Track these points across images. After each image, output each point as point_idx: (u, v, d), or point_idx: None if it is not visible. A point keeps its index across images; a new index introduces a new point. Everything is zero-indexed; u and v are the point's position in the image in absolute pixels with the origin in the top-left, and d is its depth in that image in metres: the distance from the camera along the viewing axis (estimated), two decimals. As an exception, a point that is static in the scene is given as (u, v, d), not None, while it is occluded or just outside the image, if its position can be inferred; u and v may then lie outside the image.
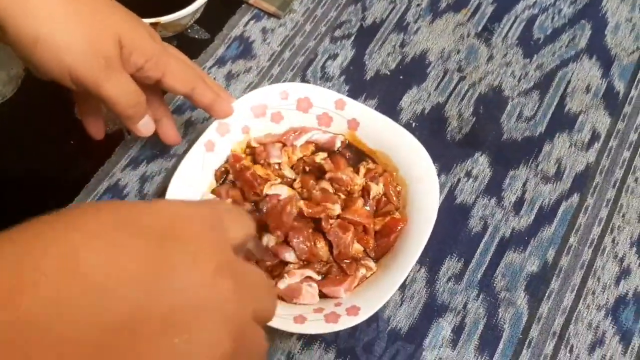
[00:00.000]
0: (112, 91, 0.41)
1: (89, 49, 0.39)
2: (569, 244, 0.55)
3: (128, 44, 0.42)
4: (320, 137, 0.53)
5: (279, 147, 0.52)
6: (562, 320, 0.51)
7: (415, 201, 0.50)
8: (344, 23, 0.66)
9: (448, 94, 0.62)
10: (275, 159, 0.51)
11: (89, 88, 0.41)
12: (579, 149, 0.59)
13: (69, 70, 0.40)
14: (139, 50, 0.42)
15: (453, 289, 0.52)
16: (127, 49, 0.42)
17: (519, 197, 0.56)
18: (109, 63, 0.41)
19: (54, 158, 0.57)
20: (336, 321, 0.44)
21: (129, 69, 0.43)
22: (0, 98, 0.61)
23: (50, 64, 0.39)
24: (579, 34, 0.66)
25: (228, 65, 0.62)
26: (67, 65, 0.39)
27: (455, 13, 0.67)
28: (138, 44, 0.42)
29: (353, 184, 0.50)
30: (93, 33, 0.40)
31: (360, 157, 0.53)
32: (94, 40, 0.40)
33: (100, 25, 0.40)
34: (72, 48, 0.39)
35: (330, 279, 0.47)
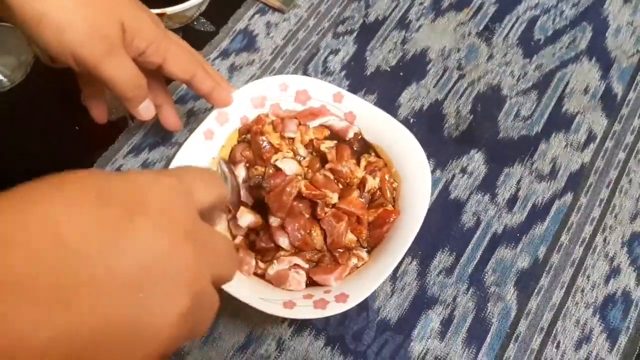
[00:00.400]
0: (112, 73, 0.43)
1: (92, 30, 0.41)
2: (560, 242, 0.55)
3: (131, 28, 0.43)
4: (335, 124, 0.53)
5: (296, 123, 0.53)
6: (551, 316, 0.52)
7: (408, 194, 0.50)
8: (347, 19, 0.67)
9: (447, 92, 0.63)
10: (291, 134, 0.52)
11: (91, 69, 0.42)
12: (575, 149, 0.60)
13: (72, 51, 0.41)
14: (141, 35, 0.44)
15: (443, 282, 0.53)
16: (130, 33, 0.43)
17: (512, 195, 0.57)
18: (111, 45, 0.42)
19: (59, 142, 0.59)
20: (324, 307, 0.45)
21: (131, 52, 0.44)
22: (10, 83, 0.62)
23: (54, 44, 0.41)
24: (580, 36, 0.67)
25: (232, 57, 0.64)
26: (70, 45, 0.41)
27: (457, 12, 0.68)
28: (140, 28, 0.43)
29: (352, 177, 0.51)
30: (97, 15, 0.41)
31: (366, 149, 0.54)
32: (97, 22, 0.41)
33: (104, 8, 0.42)
34: (75, 29, 0.40)
35: (321, 267, 0.48)
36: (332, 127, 0.54)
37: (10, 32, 0.66)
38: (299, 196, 0.48)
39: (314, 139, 0.53)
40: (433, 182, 0.57)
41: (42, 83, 0.63)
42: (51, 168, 0.60)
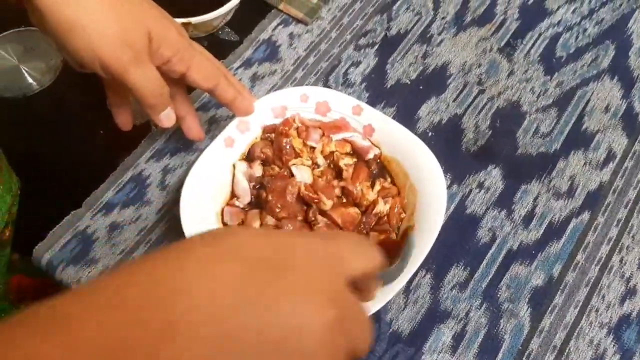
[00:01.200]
0: (137, 80, 0.44)
1: (120, 39, 0.42)
2: (576, 261, 0.55)
3: (157, 37, 0.44)
4: (358, 141, 0.54)
5: (319, 133, 0.54)
6: (564, 335, 0.52)
7: (424, 208, 0.51)
8: (369, 32, 0.68)
9: (466, 106, 0.63)
10: (313, 143, 0.53)
11: (117, 76, 0.43)
12: (594, 167, 0.60)
13: (99, 58, 0.42)
14: (167, 44, 0.45)
15: (457, 296, 0.53)
16: (156, 42, 0.44)
17: (529, 211, 0.57)
18: (137, 54, 0.43)
19: (84, 145, 0.60)
20: None
21: (156, 61, 0.45)
22: (39, 86, 0.64)
23: (83, 51, 0.42)
24: (602, 54, 0.67)
25: (254, 67, 0.65)
26: (98, 53, 0.42)
27: (479, 27, 0.68)
28: (166, 37, 0.45)
29: (363, 199, 0.51)
30: (125, 24, 0.42)
31: (383, 174, 0.54)
32: (125, 31, 0.42)
33: (132, 17, 0.43)
34: (103, 37, 0.42)
35: None
36: (354, 143, 0.54)
37: (40, 37, 0.68)
38: (299, 198, 0.49)
39: (335, 152, 0.54)
40: (449, 197, 0.57)
41: (70, 87, 0.65)
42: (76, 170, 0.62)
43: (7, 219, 0.50)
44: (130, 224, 0.56)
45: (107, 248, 0.54)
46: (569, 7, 0.70)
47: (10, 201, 0.51)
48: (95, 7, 0.41)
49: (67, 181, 0.59)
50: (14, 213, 0.52)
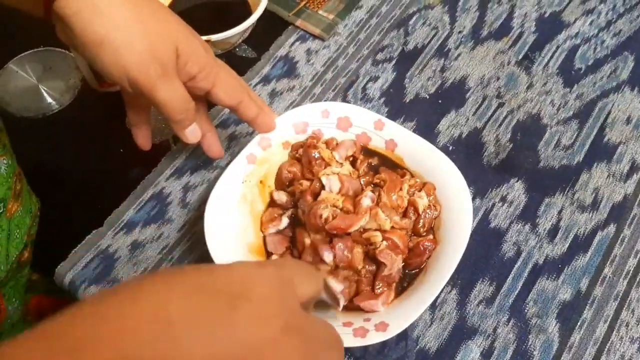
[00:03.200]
0: (164, 96, 0.44)
1: (148, 54, 0.42)
2: (604, 274, 0.54)
3: (184, 53, 0.44)
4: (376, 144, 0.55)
5: (352, 149, 0.54)
6: (594, 350, 0.51)
7: (449, 223, 0.50)
8: (386, 47, 0.68)
9: (486, 120, 0.63)
10: (341, 159, 0.53)
11: (144, 91, 0.43)
12: (617, 179, 0.59)
13: (127, 73, 0.43)
14: (194, 60, 0.45)
15: (484, 312, 0.52)
16: (183, 58, 0.44)
17: (554, 225, 0.57)
18: (164, 69, 0.43)
19: (104, 164, 0.60)
20: (364, 336, 0.45)
21: (183, 77, 0.45)
22: (59, 106, 0.64)
23: (112, 66, 0.42)
24: (621, 66, 0.66)
25: (272, 83, 0.65)
26: (127, 67, 0.42)
27: (496, 41, 0.68)
28: (193, 54, 0.45)
29: (399, 209, 0.51)
30: (153, 40, 0.43)
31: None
32: (153, 47, 0.42)
33: (160, 33, 0.43)
34: (132, 52, 0.42)
35: (365, 293, 0.48)
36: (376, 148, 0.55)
37: (59, 57, 0.68)
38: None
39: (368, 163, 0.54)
40: (473, 211, 0.56)
41: (89, 106, 0.65)
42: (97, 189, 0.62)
43: (26, 240, 0.49)
44: (151, 242, 0.55)
45: (129, 267, 0.54)
46: (586, 19, 0.70)
47: (30, 222, 0.50)
48: (124, 23, 0.42)
49: (87, 200, 0.59)
50: (33, 234, 0.52)
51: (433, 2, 0.71)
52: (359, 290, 0.48)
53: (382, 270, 0.47)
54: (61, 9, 0.40)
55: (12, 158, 0.49)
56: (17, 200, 0.47)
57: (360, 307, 0.47)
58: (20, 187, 0.49)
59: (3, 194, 0.44)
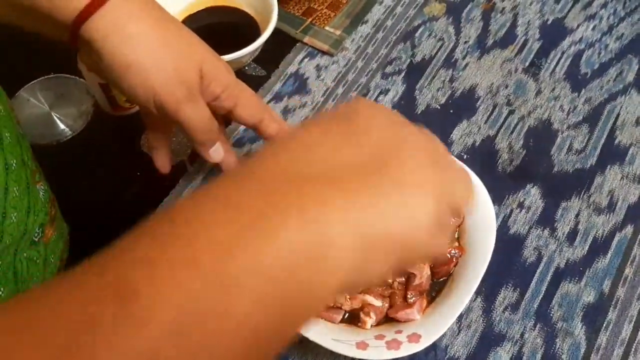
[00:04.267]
0: (190, 116, 0.45)
1: (174, 76, 0.43)
2: (625, 275, 0.55)
3: (208, 74, 0.45)
4: None
5: None
6: (621, 351, 0.51)
7: (473, 232, 0.51)
8: (395, 60, 0.68)
9: (498, 127, 0.63)
10: None
11: (169, 112, 0.44)
12: (631, 180, 0.60)
13: (154, 94, 0.43)
14: (217, 81, 0.46)
15: (509, 318, 0.53)
16: (207, 79, 0.45)
17: (572, 228, 0.57)
18: (190, 90, 0.44)
19: (121, 187, 0.60)
20: (398, 348, 0.45)
21: (207, 97, 0.46)
22: (72, 132, 0.65)
23: (138, 87, 0.43)
24: (627, 69, 0.67)
25: (284, 100, 0.65)
26: (153, 89, 0.43)
27: (502, 49, 0.69)
28: (216, 74, 0.45)
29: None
30: (179, 62, 0.43)
31: None
32: (179, 69, 0.43)
33: (185, 55, 0.44)
34: (159, 74, 0.43)
35: (400, 304, 0.48)
36: None
37: (70, 83, 0.68)
38: None
39: None
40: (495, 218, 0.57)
41: (102, 131, 0.65)
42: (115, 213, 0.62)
43: (59, 265, 0.49)
44: (175, 264, 0.55)
45: (154, 290, 0.54)
46: (588, 25, 0.71)
47: (62, 247, 0.51)
48: (151, 46, 0.42)
49: (108, 225, 0.59)
50: (64, 259, 0.52)
51: (437, 13, 0.72)
52: (392, 304, 0.48)
53: (413, 280, 0.48)
54: (89, 32, 0.41)
55: (46, 184, 0.49)
56: (52, 226, 0.47)
57: (395, 319, 0.47)
58: (55, 212, 0.49)
59: (42, 219, 0.45)
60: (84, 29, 0.41)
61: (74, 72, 0.67)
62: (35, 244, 0.46)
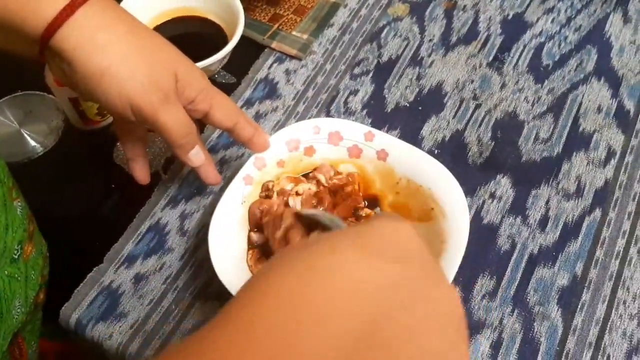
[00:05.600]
0: (167, 121, 0.45)
1: (150, 82, 0.43)
2: (596, 257, 0.57)
3: (183, 78, 0.45)
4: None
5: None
6: (597, 330, 0.53)
7: (447, 224, 0.52)
8: (362, 61, 0.70)
9: (466, 122, 0.65)
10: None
11: (147, 117, 0.44)
12: (597, 166, 0.62)
13: (130, 101, 0.43)
14: (192, 85, 0.46)
15: (488, 306, 0.54)
16: (182, 83, 0.46)
17: (543, 215, 0.59)
18: (166, 95, 0.44)
19: (96, 201, 0.60)
20: None
21: (182, 101, 0.46)
22: (43, 148, 0.64)
23: (114, 95, 0.43)
24: (586, 58, 0.70)
25: (256, 105, 0.66)
26: (129, 96, 0.43)
27: (466, 46, 0.71)
28: (191, 79, 0.46)
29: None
30: (153, 68, 0.44)
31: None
32: (153, 75, 0.43)
33: (159, 61, 0.44)
34: (134, 81, 0.43)
35: None
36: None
37: (38, 100, 0.68)
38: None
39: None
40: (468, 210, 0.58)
41: (74, 146, 0.65)
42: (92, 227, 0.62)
43: (40, 281, 0.49)
44: (154, 273, 0.55)
45: (134, 300, 0.54)
46: (548, 18, 0.73)
47: (42, 263, 0.50)
48: (124, 53, 0.43)
49: (84, 239, 0.58)
50: (45, 275, 0.52)
51: (401, 14, 0.74)
52: None
53: None
54: (59, 43, 0.41)
55: (24, 200, 0.49)
56: (30, 242, 0.47)
57: None
58: (33, 229, 0.49)
59: (20, 235, 0.44)
60: (54, 40, 0.41)
61: (42, 89, 0.67)
62: (15, 261, 0.46)
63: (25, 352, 0.48)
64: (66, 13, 0.40)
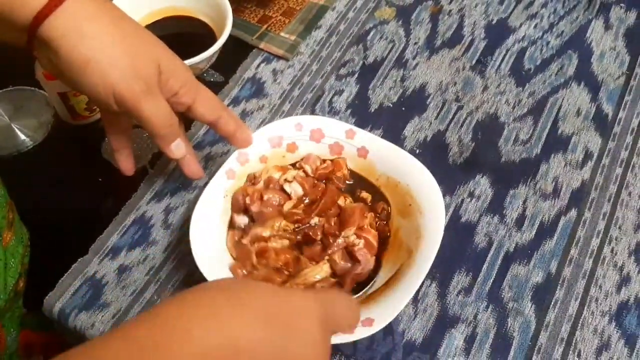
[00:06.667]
0: (149, 111, 0.46)
1: (133, 71, 0.44)
2: (570, 256, 0.58)
3: (166, 70, 0.47)
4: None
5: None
6: (569, 327, 0.54)
7: (424, 221, 0.53)
8: (348, 62, 0.71)
9: (448, 122, 0.66)
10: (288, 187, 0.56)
11: (129, 107, 0.46)
12: (574, 167, 0.63)
13: (113, 90, 0.45)
14: (175, 77, 0.47)
15: (463, 301, 0.55)
16: (165, 75, 0.47)
17: (520, 214, 0.60)
18: (148, 85, 0.45)
19: (83, 194, 0.62)
20: (352, 332, 0.47)
21: (166, 93, 0.48)
22: (32, 142, 0.65)
23: (98, 84, 0.44)
24: (567, 63, 0.71)
25: (242, 104, 0.67)
26: (112, 85, 0.44)
27: (450, 49, 0.72)
28: (174, 71, 0.47)
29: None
30: (136, 58, 0.45)
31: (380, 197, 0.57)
32: (136, 65, 0.45)
33: (142, 52, 0.46)
34: (118, 70, 0.44)
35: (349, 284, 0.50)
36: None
37: (29, 95, 0.69)
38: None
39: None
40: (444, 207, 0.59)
41: (63, 140, 0.66)
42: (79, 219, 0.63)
43: (20, 269, 0.50)
44: (138, 265, 0.57)
45: (117, 291, 0.55)
46: (531, 23, 0.75)
47: (23, 252, 0.51)
48: (108, 43, 0.44)
49: (70, 231, 0.60)
50: (26, 263, 0.53)
51: (387, 17, 0.75)
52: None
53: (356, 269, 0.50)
54: (46, 32, 0.42)
55: (3, 188, 0.50)
56: (10, 230, 0.48)
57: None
58: (13, 217, 0.50)
59: None
60: (42, 29, 0.42)
61: (33, 84, 0.68)
62: None
63: (4, 338, 0.49)
64: (54, 3, 0.42)
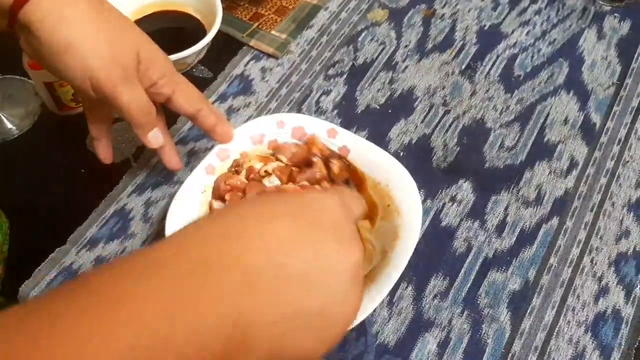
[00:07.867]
0: (127, 98, 0.46)
1: (110, 58, 0.45)
2: (550, 264, 0.57)
3: (145, 59, 0.47)
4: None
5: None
6: (544, 335, 0.54)
7: (401, 221, 0.53)
8: (337, 62, 0.71)
9: (434, 126, 0.66)
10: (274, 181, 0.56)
11: (107, 94, 0.46)
12: (558, 176, 0.63)
13: (91, 76, 0.45)
14: (155, 67, 0.48)
15: (439, 305, 0.55)
16: (144, 64, 0.47)
17: (501, 220, 0.60)
18: (126, 73, 0.46)
19: (66, 185, 0.62)
20: None
21: (144, 83, 0.48)
22: (19, 131, 0.66)
23: (76, 70, 0.44)
24: (557, 71, 0.71)
25: (229, 100, 0.67)
26: (90, 71, 0.44)
27: (440, 53, 0.72)
28: (154, 60, 0.48)
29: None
30: (116, 45, 0.45)
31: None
32: (115, 52, 0.45)
33: (122, 39, 0.46)
34: (96, 56, 0.44)
35: None
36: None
37: (18, 84, 0.70)
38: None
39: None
40: (424, 211, 0.59)
41: (49, 131, 0.66)
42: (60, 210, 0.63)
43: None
44: (115, 256, 0.57)
45: (93, 282, 0.55)
46: (523, 30, 0.74)
47: (2, 240, 0.51)
48: (89, 29, 0.44)
49: (51, 221, 0.60)
50: (5, 251, 0.53)
51: (380, 19, 0.75)
52: None
53: None
54: (27, 16, 0.42)
55: None
56: None
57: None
58: None
59: None
60: (23, 12, 0.42)
61: (21, 73, 0.68)
62: None
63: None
64: None
